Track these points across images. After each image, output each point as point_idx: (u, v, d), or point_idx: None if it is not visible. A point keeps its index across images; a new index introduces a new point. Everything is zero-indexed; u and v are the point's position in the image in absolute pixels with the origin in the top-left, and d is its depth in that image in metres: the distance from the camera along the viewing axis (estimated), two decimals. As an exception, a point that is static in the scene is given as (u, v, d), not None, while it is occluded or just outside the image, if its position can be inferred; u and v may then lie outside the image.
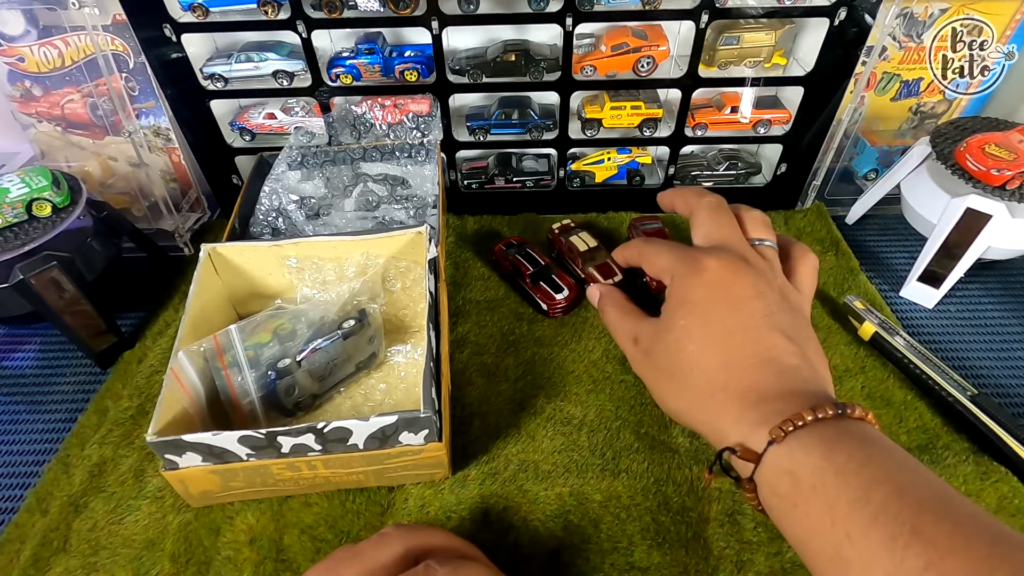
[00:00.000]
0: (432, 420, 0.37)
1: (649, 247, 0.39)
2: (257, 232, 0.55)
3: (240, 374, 0.43)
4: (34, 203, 0.51)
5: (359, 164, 0.62)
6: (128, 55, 0.59)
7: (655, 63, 0.60)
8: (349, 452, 0.38)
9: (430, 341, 0.42)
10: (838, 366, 0.50)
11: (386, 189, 0.60)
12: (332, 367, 0.46)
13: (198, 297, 0.45)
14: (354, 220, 0.57)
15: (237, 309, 0.52)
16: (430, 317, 0.43)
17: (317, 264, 0.49)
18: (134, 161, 0.63)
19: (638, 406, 0.48)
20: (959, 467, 0.43)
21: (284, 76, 0.60)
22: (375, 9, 0.55)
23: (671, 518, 0.41)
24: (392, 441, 0.38)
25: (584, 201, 0.69)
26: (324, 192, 0.60)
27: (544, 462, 0.44)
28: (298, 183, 0.60)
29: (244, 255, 0.49)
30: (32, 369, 0.54)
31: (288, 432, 0.36)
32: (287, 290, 0.51)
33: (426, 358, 0.40)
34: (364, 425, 0.36)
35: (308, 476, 0.40)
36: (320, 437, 0.37)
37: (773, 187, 0.68)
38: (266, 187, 0.58)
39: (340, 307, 0.47)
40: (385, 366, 0.50)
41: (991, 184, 0.53)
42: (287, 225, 0.56)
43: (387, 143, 0.62)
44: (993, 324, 0.56)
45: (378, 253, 0.49)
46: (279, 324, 0.45)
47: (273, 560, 0.39)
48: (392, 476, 0.42)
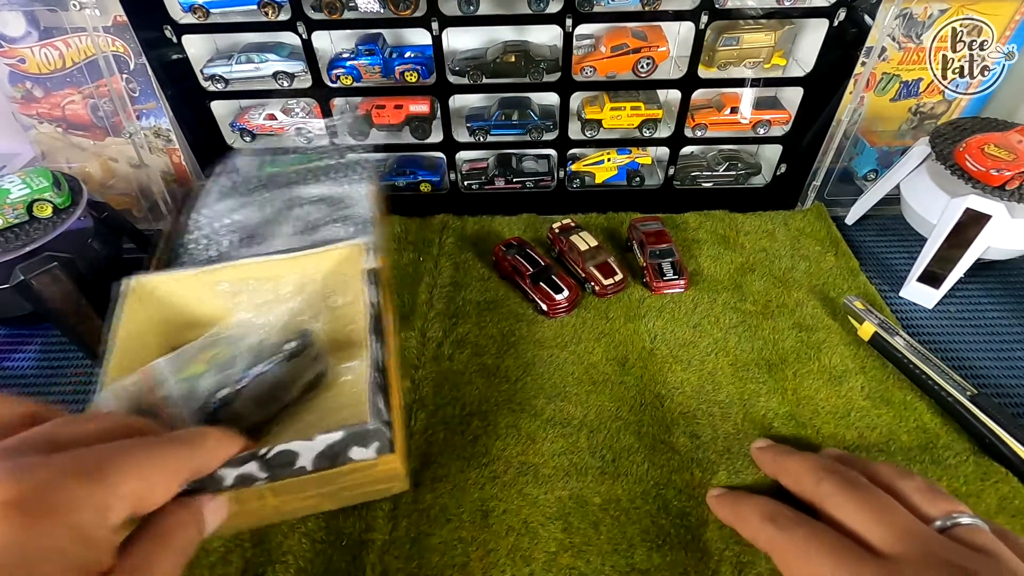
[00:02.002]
0: (381, 431, 0.36)
1: (797, 538, 0.30)
2: (188, 262, 0.52)
3: (174, 409, 0.40)
4: (35, 204, 0.51)
5: (293, 188, 0.60)
6: (129, 56, 0.59)
7: (655, 64, 0.61)
8: (298, 476, 0.35)
9: (373, 351, 0.40)
10: (838, 366, 0.50)
11: (323, 211, 0.58)
12: (277, 392, 0.43)
13: (123, 333, 0.42)
14: (292, 244, 0.54)
15: (171, 343, 0.47)
16: (371, 327, 0.42)
17: (252, 286, 0.47)
18: (135, 162, 0.63)
19: (638, 407, 0.48)
20: (959, 467, 0.43)
21: (284, 77, 0.61)
22: (375, 10, 0.55)
23: (671, 520, 0.41)
24: (342, 458, 0.36)
25: (584, 202, 0.69)
26: (259, 219, 0.57)
27: (544, 465, 0.44)
28: (230, 211, 0.58)
29: (172, 285, 0.46)
30: (32, 369, 0.54)
31: (229, 463, 0.33)
32: (223, 316, 0.47)
33: (370, 369, 0.38)
34: (310, 445, 0.34)
35: (255, 508, 0.37)
36: (264, 464, 0.34)
37: (773, 187, 0.68)
38: (195, 216, 0.55)
39: (280, 329, 0.44)
40: (336, 385, 0.47)
41: (990, 184, 0.53)
42: (219, 253, 0.53)
43: (319, 164, 0.61)
44: (993, 324, 0.56)
45: (316, 269, 0.47)
46: (215, 353, 0.42)
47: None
48: (348, 496, 0.40)
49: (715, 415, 0.47)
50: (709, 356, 0.52)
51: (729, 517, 0.38)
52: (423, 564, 0.39)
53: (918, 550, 0.27)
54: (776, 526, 0.32)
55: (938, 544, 0.28)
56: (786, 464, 0.37)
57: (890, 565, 0.27)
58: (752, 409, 0.47)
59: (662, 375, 0.50)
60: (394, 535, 0.40)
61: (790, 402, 0.48)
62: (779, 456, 0.39)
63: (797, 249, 0.62)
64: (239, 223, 0.56)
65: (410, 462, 0.44)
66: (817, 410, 0.47)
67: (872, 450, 0.44)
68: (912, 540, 0.28)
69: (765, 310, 0.56)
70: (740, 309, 0.56)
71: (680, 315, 0.55)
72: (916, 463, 0.43)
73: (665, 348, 0.52)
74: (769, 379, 0.50)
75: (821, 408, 0.47)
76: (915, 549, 0.27)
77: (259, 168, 0.61)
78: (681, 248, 0.62)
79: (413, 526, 0.41)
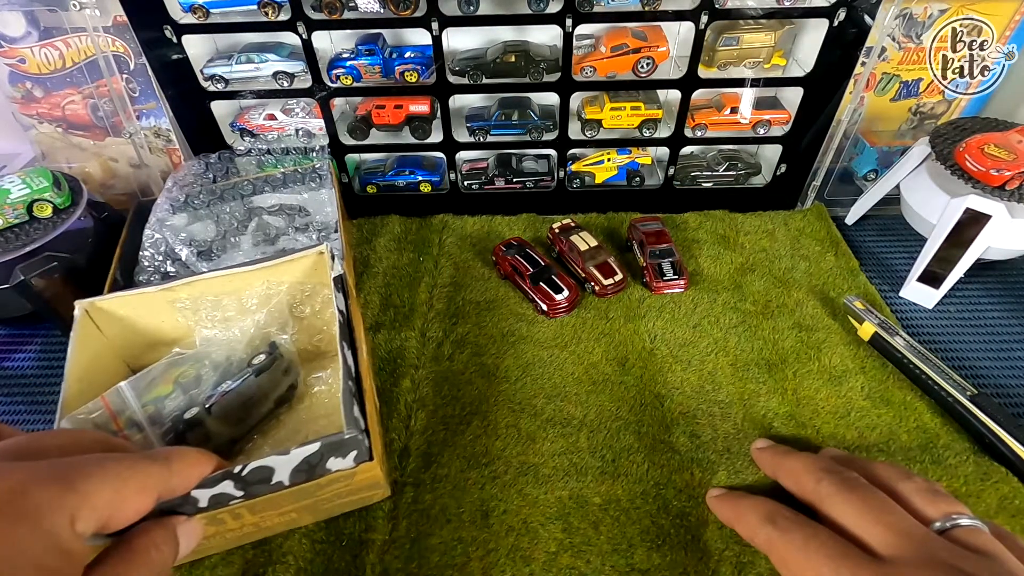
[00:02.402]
0: (358, 439, 0.35)
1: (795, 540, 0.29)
2: (145, 281, 0.51)
3: (140, 434, 0.39)
4: (35, 204, 0.51)
5: (251, 199, 0.59)
6: (129, 56, 0.59)
7: (655, 64, 0.61)
8: (275, 491, 0.34)
9: (345, 360, 0.39)
10: (838, 367, 0.50)
11: (284, 220, 0.57)
12: (248, 407, 0.42)
13: (79, 360, 0.40)
14: (253, 255, 0.54)
15: (131, 366, 0.46)
16: (343, 335, 0.40)
17: (213, 301, 0.45)
18: (135, 162, 0.63)
19: (638, 407, 0.48)
20: (959, 467, 0.43)
21: (284, 77, 0.61)
22: (375, 10, 0.55)
23: (671, 520, 0.41)
24: (320, 470, 0.35)
25: (584, 202, 0.69)
26: (215, 232, 0.56)
27: (544, 465, 0.44)
28: (186, 226, 0.56)
29: (129, 306, 0.44)
30: (32, 369, 0.54)
31: (203, 484, 0.31)
32: (185, 335, 0.46)
33: (343, 377, 0.37)
34: (286, 459, 0.33)
35: (234, 527, 0.36)
36: (240, 482, 0.33)
37: (773, 187, 0.68)
38: (148, 232, 0.54)
39: (247, 343, 0.44)
40: (308, 396, 0.46)
41: (990, 184, 0.53)
42: (178, 268, 0.52)
43: (278, 173, 0.60)
44: (993, 324, 0.56)
45: (280, 280, 0.46)
46: (180, 372, 0.41)
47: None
48: (328, 508, 0.39)
49: (715, 415, 0.47)
50: (709, 356, 0.52)
51: (728, 517, 0.38)
52: (423, 564, 0.39)
53: (916, 552, 0.27)
54: (775, 527, 0.32)
55: (936, 546, 0.28)
56: (785, 464, 0.37)
57: (888, 567, 0.27)
58: (752, 409, 0.47)
59: (662, 375, 0.50)
60: (394, 535, 0.40)
61: (790, 402, 0.48)
62: (778, 456, 0.39)
63: (797, 249, 0.62)
64: (195, 236, 0.55)
65: (410, 462, 0.44)
66: (817, 410, 0.47)
67: (872, 450, 0.44)
68: (910, 542, 0.28)
69: (765, 310, 0.56)
70: (740, 309, 0.56)
71: (680, 315, 0.55)
72: (916, 463, 0.43)
73: (665, 348, 0.52)
74: (769, 379, 0.50)
75: (821, 408, 0.47)
76: (913, 551, 0.27)
77: (214, 180, 0.60)
78: (681, 248, 0.62)
79: (413, 526, 0.41)
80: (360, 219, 0.67)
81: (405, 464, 0.44)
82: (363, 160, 0.72)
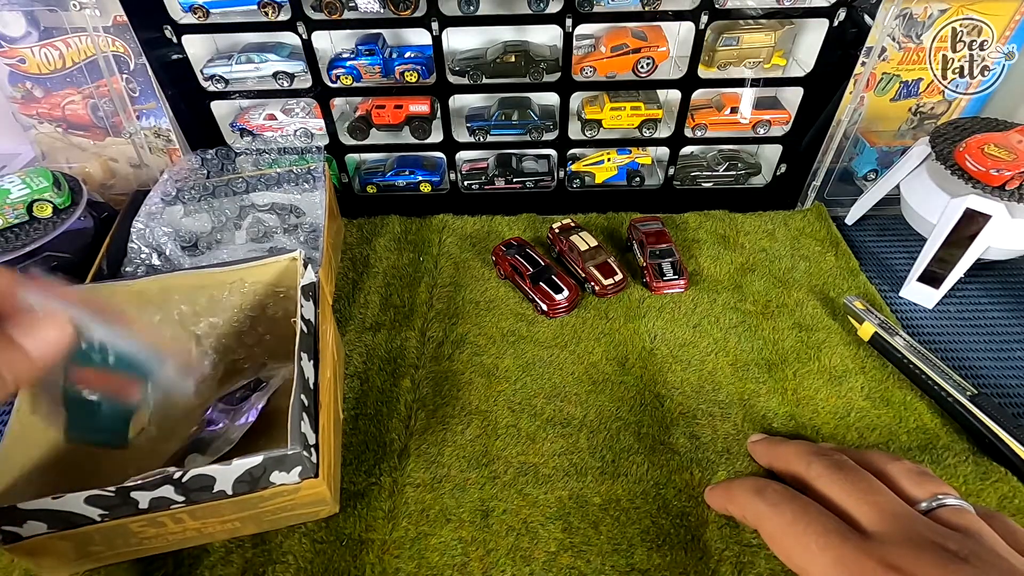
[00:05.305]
0: (302, 456, 0.34)
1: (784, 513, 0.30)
2: (131, 272, 0.52)
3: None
4: (35, 204, 0.51)
5: (245, 196, 0.60)
6: (129, 56, 0.59)
7: (655, 64, 0.61)
8: (218, 500, 0.34)
9: (302, 372, 0.38)
10: (838, 367, 0.50)
11: (276, 219, 0.58)
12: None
13: None
14: (244, 253, 0.54)
15: None
16: (302, 345, 0.39)
17: (179, 299, 0.45)
18: (135, 162, 0.63)
19: (638, 407, 0.48)
20: (959, 467, 0.43)
21: (284, 77, 0.61)
22: (375, 10, 0.55)
23: (671, 521, 0.41)
24: (263, 482, 0.35)
25: (584, 201, 0.69)
26: (209, 226, 0.56)
27: (544, 465, 0.44)
28: (179, 219, 0.57)
29: (91, 299, 0.42)
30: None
31: (143, 486, 0.32)
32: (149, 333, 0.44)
33: (295, 390, 0.36)
34: (227, 470, 0.33)
35: (176, 531, 0.36)
36: (180, 488, 0.33)
37: (773, 187, 0.68)
38: (138, 223, 0.54)
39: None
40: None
41: (990, 184, 0.53)
42: (162, 262, 0.52)
43: (273, 172, 0.61)
44: (993, 324, 0.56)
45: (252, 283, 0.46)
46: None
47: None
48: (272, 520, 0.39)
49: (715, 415, 0.47)
50: (709, 356, 0.52)
51: (720, 502, 0.38)
52: (423, 564, 0.39)
53: (901, 529, 0.28)
54: (764, 501, 0.32)
55: (921, 524, 0.28)
56: (778, 451, 0.38)
57: (873, 543, 0.28)
58: (752, 409, 0.47)
59: (662, 375, 0.50)
60: (394, 535, 0.40)
61: (790, 402, 0.48)
62: (772, 445, 0.40)
63: (797, 249, 0.62)
64: (186, 230, 0.55)
65: (410, 462, 0.44)
66: (817, 410, 0.47)
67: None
68: (895, 520, 0.28)
69: (765, 310, 0.56)
70: (740, 309, 0.56)
71: (680, 315, 0.55)
72: (916, 463, 0.43)
73: (665, 348, 0.52)
74: (769, 379, 0.50)
75: (821, 408, 0.47)
76: (898, 528, 0.28)
77: (208, 175, 0.60)
78: (681, 248, 0.62)
79: (413, 526, 0.41)
80: (360, 219, 0.67)
81: (405, 464, 0.44)
82: (363, 160, 0.72)
